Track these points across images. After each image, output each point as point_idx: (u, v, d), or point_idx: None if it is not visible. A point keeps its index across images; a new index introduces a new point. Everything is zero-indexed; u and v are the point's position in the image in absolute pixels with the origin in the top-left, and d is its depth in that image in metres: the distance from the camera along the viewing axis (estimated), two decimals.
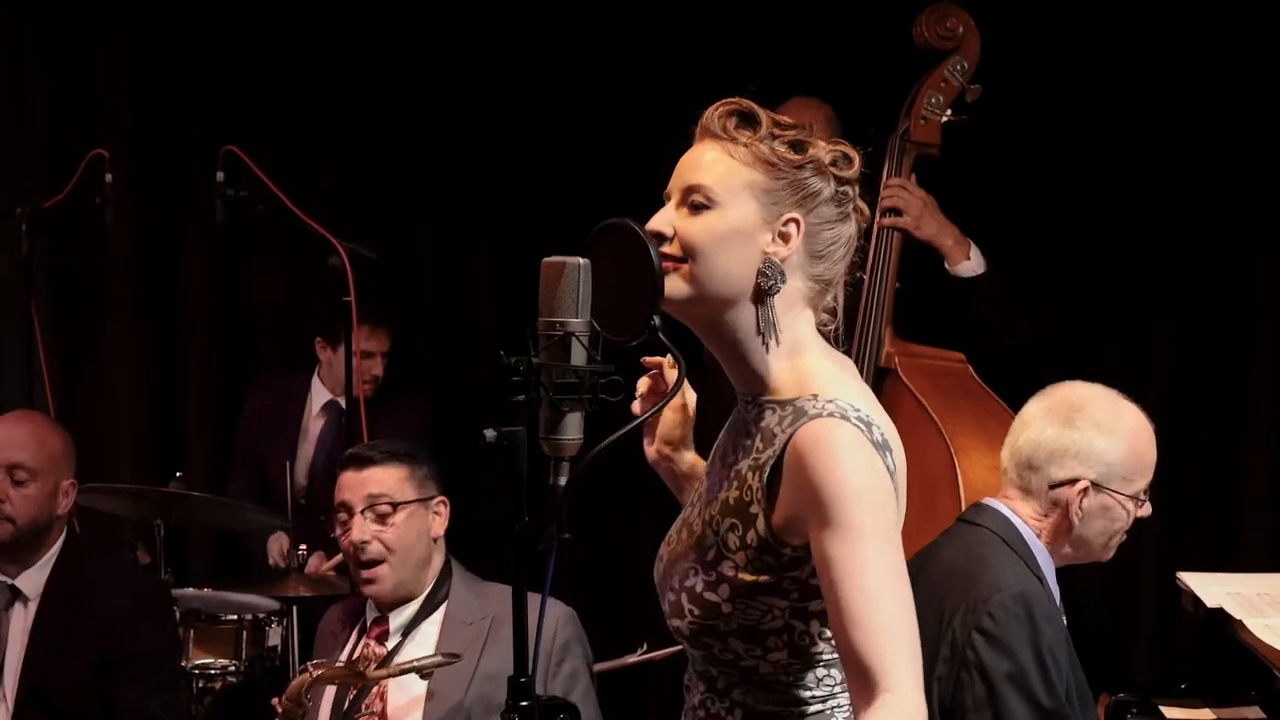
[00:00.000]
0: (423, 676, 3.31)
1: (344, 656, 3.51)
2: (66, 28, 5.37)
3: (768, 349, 2.15)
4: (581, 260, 2.07)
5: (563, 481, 2.08)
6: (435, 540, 3.57)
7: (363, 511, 3.50)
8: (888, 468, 2.07)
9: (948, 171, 4.22)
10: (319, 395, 5.17)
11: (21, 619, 3.95)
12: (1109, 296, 4.94)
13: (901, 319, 4.14)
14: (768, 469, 2.11)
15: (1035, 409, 3.03)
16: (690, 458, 2.47)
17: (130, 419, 5.47)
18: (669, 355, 2.26)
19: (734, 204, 2.13)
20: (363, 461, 3.55)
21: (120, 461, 5.42)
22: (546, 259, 2.09)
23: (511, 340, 2.11)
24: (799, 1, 4.96)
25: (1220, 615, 3.53)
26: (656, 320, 2.07)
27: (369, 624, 3.56)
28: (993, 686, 2.78)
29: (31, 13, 5.35)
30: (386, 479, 3.52)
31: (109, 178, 4.68)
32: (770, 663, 2.13)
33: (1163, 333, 4.89)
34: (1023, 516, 2.98)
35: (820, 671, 2.14)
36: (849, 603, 2.00)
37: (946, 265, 4.18)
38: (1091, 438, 2.95)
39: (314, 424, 5.16)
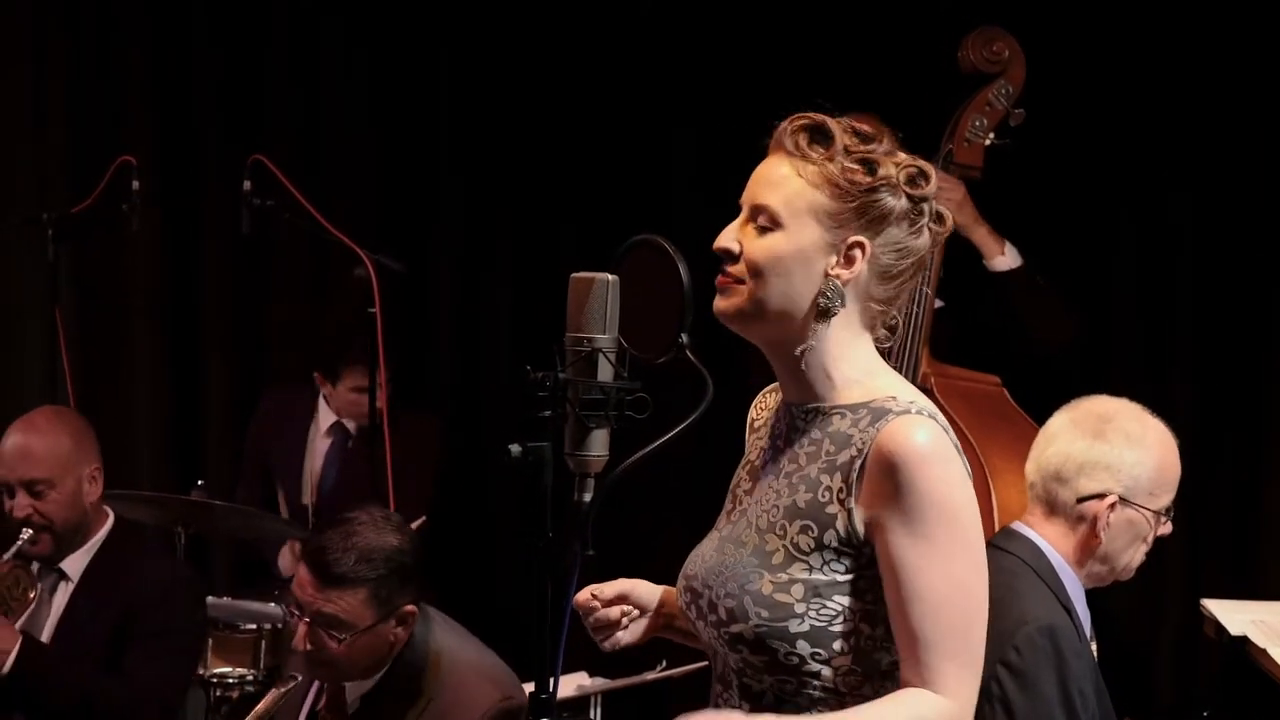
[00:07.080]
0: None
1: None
2: (88, 35, 5.38)
3: (830, 362, 2.17)
4: (611, 277, 2.07)
5: (587, 498, 2.07)
6: (393, 648, 3.13)
7: (310, 623, 3.09)
8: (966, 472, 2.12)
9: (988, 194, 4.22)
10: (326, 415, 5.08)
11: (62, 598, 3.96)
12: (1130, 320, 4.93)
13: (939, 340, 4.13)
14: (853, 468, 2.11)
15: (1062, 422, 3.00)
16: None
17: (151, 426, 5.47)
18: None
19: (798, 227, 2.13)
20: (318, 572, 3.07)
21: (140, 469, 5.41)
22: (576, 274, 2.08)
23: (528, 356, 2.11)
24: (844, 20, 4.95)
25: (1244, 643, 3.51)
26: (685, 338, 2.07)
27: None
28: None
29: (53, 21, 5.36)
30: (340, 604, 3.06)
31: (136, 184, 4.68)
32: (833, 668, 2.12)
33: (1182, 356, 4.88)
34: (1050, 539, 2.94)
35: (876, 684, 2.13)
36: (913, 611, 2.05)
37: (984, 260, 4.17)
38: (1121, 450, 2.90)
39: (321, 442, 5.08)
